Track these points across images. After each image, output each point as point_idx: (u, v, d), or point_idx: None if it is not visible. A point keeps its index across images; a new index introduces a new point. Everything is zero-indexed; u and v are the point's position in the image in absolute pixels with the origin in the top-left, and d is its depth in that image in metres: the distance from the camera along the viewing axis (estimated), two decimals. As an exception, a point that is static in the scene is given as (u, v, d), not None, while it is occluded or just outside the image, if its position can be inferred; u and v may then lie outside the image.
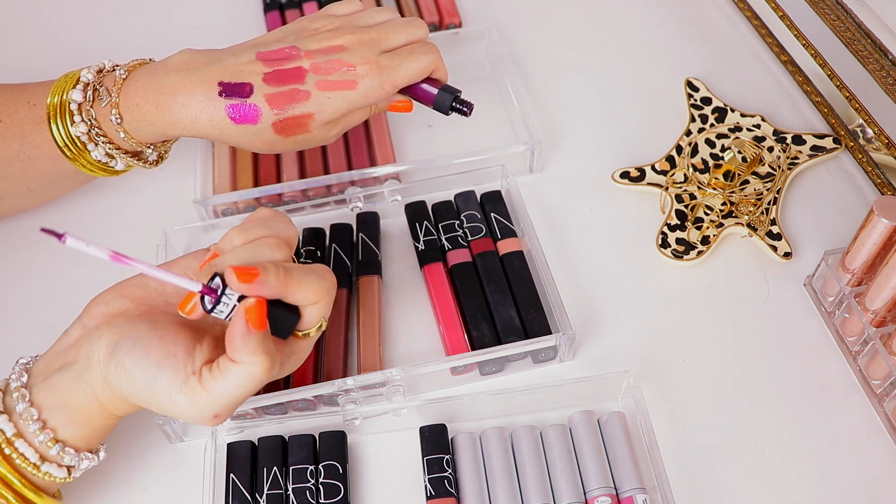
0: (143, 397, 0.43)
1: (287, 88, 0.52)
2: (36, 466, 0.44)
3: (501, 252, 0.60)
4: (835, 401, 0.54)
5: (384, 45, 0.55)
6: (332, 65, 0.53)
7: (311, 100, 0.52)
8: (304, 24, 0.57)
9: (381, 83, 0.54)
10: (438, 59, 0.57)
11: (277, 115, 0.52)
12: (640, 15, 0.80)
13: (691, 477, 0.51)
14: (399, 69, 0.54)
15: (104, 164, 0.56)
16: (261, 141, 0.53)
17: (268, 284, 0.41)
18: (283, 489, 0.50)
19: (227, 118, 0.51)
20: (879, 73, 0.62)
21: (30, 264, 0.63)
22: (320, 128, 0.54)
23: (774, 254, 0.60)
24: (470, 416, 0.53)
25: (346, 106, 0.54)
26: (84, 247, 0.36)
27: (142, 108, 0.52)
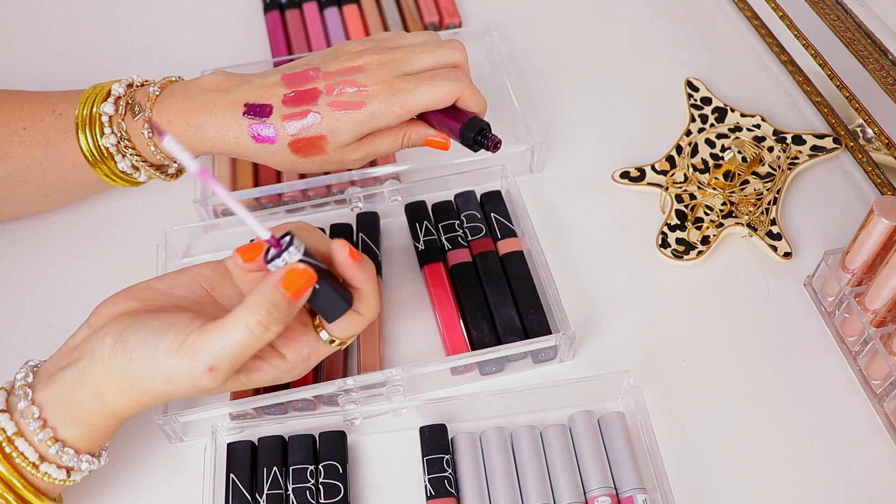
0: (143, 372, 0.42)
1: (300, 109, 0.53)
2: (35, 466, 0.44)
3: (501, 252, 0.60)
4: (835, 401, 0.54)
5: (405, 67, 0.54)
6: (344, 85, 0.53)
7: (323, 121, 0.53)
8: (337, 47, 0.56)
9: (390, 105, 0.52)
10: (467, 87, 0.54)
11: (293, 136, 0.53)
12: (640, 15, 0.80)
13: (691, 477, 0.51)
14: (413, 93, 0.52)
15: (128, 175, 0.57)
16: (281, 160, 0.54)
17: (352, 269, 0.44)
18: (283, 489, 0.50)
19: (249, 137, 0.53)
20: (879, 73, 0.62)
21: (31, 265, 0.63)
22: (338, 150, 0.54)
23: (774, 254, 0.60)
24: (470, 416, 0.53)
25: (356, 127, 0.53)
26: (178, 151, 0.37)
27: (174, 124, 0.54)
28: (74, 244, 0.64)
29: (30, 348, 0.58)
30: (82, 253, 0.64)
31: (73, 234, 0.65)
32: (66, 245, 0.64)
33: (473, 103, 0.55)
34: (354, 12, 0.79)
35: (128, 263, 0.63)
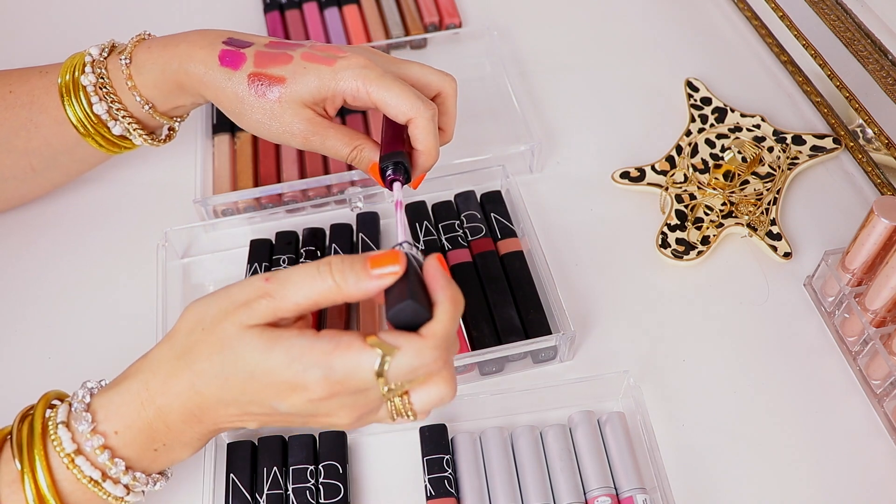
0: None
1: (276, 51, 0.52)
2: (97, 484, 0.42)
3: (501, 252, 0.60)
4: (835, 401, 0.54)
5: (390, 66, 0.53)
6: (326, 48, 0.52)
7: (289, 66, 0.51)
8: None
9: (355, 73, 0.50)
10: (427, 118, 0.50)
11: (256, 68, 0.52)
12: (640, 15, 0.80)
13: (691, 477, 0.51)
14: (380, 80, 0.50)
15: (122, 140, 0.57)
16: (234, 93, 0.52)
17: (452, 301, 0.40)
18: (283, 489, 0.50)
19: (216, 58, 0.52)
20: (879, 73, 0.62)
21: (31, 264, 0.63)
22: (290, 105, 0.51)
23: (774, 254, 0.60)
24: (470, 416, 0.53)
25: (316, 81, 0.50)
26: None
27: (152, 50, 0.55)
28: (74, 244, 0.64)
29: (29, 348, 0.58)
30: (82, 253, 0.64)
31: (72, 234, 0.65)
32: (66, 245, 0.64)
33: (421, 139, 0.50)
34: (354, 12, 0.79)
35: (128, 263, 0.63)
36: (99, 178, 0.68)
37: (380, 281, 0.40)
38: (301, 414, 0.41)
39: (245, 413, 0.42)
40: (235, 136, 0.69)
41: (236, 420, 0.43)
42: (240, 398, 0.41)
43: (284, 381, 0.39)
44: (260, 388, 0.40)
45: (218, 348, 0.40)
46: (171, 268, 0.62)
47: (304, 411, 0.41)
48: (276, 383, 0.40)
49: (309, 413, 0.41)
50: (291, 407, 0.40)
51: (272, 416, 0.42)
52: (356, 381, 0.39)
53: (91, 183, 0.68)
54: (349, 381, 0.39)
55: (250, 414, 0.42)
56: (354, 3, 0.80)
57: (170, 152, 0.69)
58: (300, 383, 0.39)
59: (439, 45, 0.77)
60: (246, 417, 0.42)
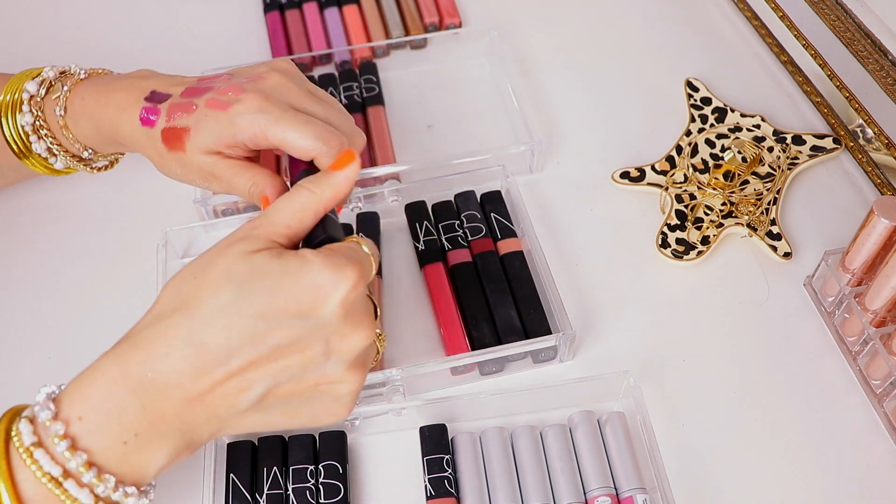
0: None
1: (185, 101, 0.51)
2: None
3: (501, 252, 0.60)
4: (835, 401, 0.54)
5: (296, 101, 0.49)
6: (233, 88, 0.49)
7: (193, 115, 0.49)
8: None
9: (253, 119, 0.47)
10: (326, 150, 0.47)
11: (167, 123, 0.50)
12: (640, 15, 0.80)
13: (691, 477, 0.51)
14: (279, 121, 0.47)
15: (44, 159, 0.56)
16: (154, 150, 0.52)
17: None
18: (283, 489, 0.50)
19: (138, 118, 0.51)
20: (879, 73, 0.62)
21: (30, 264, 0.63)
22: (196, 154, 0.50)
23: (774, 254, 0.60)
24: (470, 416, 0.53)
25: (216, 128, 0.48)
26: None
27: (86, 101, 0.53)
28: (74, 244, 0.64)
29: (29, 348, 0.58)
30: (82, 253, 0.64)
31: (73, 234, 0.65)
32: (66, 245, 0.64)
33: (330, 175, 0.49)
34: (354, 12, 0.79)
35: (128, 263, 0.63)
36: (99, 178, 0.68)
37: (346, 173, 0.43)
38: (329, 329, 0.39)
39: (255, 360, 0.38)
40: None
41: (240, 382, 0.38)
42: (258, 328, 0.37)
43: (312, 283, 0.38)
44: (285, 299, 0.38)
45: (227, 281, 0.38)
46: (171, 268, 0.62)
47: (334, 322, 0.39)
48: (304, 287, 0.38)
49: (338, 328, 0.39)
50: (324, 315, 0.38)
51: (291, 354, 0.38)
52: (364, 257, 0.41)
53: (91, 183, 0.68)
54: (365, 261, 0.41)
55: (263, 358, 0.38)
56: (354, 3, 0.80)
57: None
58: (329, 280, 0.38)
59: (439, 45, 0.77)
60: (253, 370, 0.38)
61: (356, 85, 0.72)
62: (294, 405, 0.41)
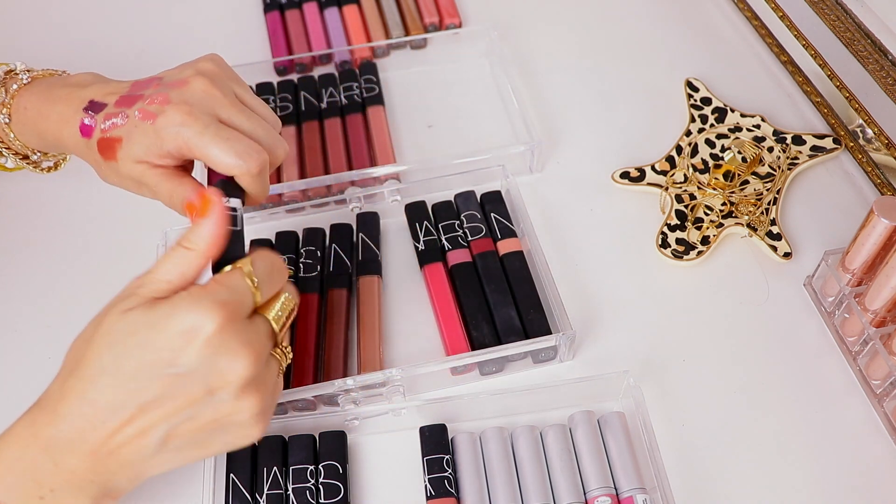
0: None
1: (118, 110, 0.50)
2: None
3: (501, 252, 0.60)
4: (835, 401, 0.54)
5: (222, 111, 0.49)
6: (161, 96, 0.49)
7: (125, 125, 0.49)
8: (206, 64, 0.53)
9: (178, 133, 0.47)
10: (252, 176, 0.48)
11: (102, 133, 0.50)
12: (640, 15, 0.80)
13: (691, 477, 0.51)
14: (201, 136, 0.47)
15: None
16: (93, 159, 0.52)
17: None
18: (283, 489, 0.50)
19: (78, 130, 0.51)
20: (879, 73, 0.62)
21: (30, 264, 0.63)
22: (127, 163, 0.50)
23: (774, 254, 0.60)
24: (470, 416, 0.53)
25: (144, 140, 0.49)
26: None
27: (28, 112, 0.54)
28: (74, 244, 0.64)
29: (28, 349, 0.58)
30: (82, 253, 0.64)
31: (73, 234, 0.65)
32: (66, 244, 0.64)
33: (247, 188, 0.49)
34: (354, 12, 0.79)
35: (128, 263, 0.62)
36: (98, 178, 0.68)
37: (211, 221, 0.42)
38: (202, 371, 0.39)
39: (142, 409, 0.39)
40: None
41: (135, 430, 0.39)
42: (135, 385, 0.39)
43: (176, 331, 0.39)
44: (154, 352, 0.39)
45: (106, 342, 0.40)
46: (171, 268, 0.62)
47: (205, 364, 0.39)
48: (170, 337, 0.39)
49: (211, 367, 0.39)
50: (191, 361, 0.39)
51: (173, 401, 0.39)
52: (239, 288, 0.41)
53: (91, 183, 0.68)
54: (235, 294, 0.41)
55: (148, 407, 0.39)
56: (354, 3, 0.80)
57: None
58: (192, 324, 0.39)
59: (439, 45, 0.77)
60: (143, 418, 0.39)
61: (356, 85, 0.72)
62: (202, 439, 0.41)
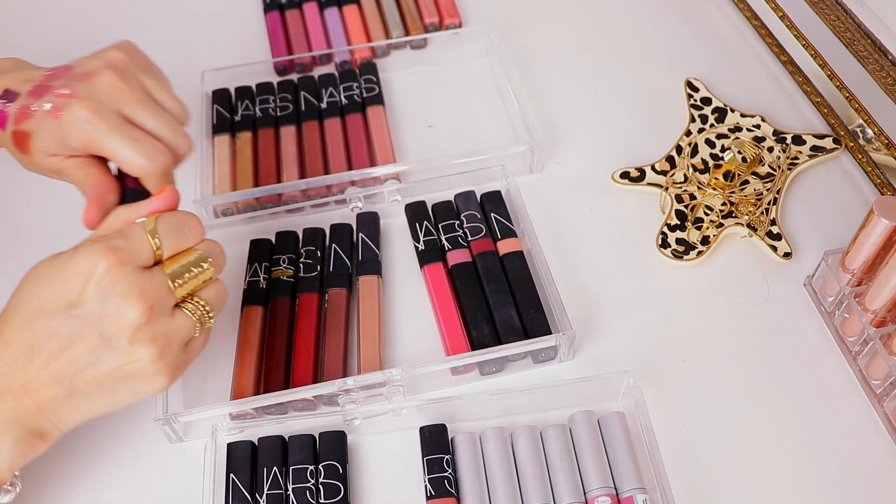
0: None
1: (29, 102, 0.49)
2: None
3: (501, 252, 0.60)
4: (835, 401, 0.54)
5: (127, 109, 0.49)
6: (68, 88, 0.48)
7: (33, 119, 0.49)
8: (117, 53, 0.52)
9: (80, 130, 0.48)
10: (157, 175, 0.49)
11: (14, 126, 0.49)
12: (640, 15, 0.80)
13: (691, 477, 0.51)
14: (108, 135, 0.47)
15: None
16: (10, 150, 0.51)
17: None
18: (283, 489, 0.50)
19: None
20: (879, 73, 0.62)
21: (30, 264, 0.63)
22: (41, 156, 0.50)
23: (774, 254, 0.60)
24: (470, 416, 0.53)
25: (51, 135, 0.48)
26: None
27: None
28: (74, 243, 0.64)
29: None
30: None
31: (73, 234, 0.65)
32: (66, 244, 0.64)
33: (152, 189, 0.50)
34: (354, 12, 0.79)
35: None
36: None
37: None
38: (95, 313, 0.42)
39: (51, 353, 0.42)
40: (235, 136, 0.69)
41: (47, 374, 0.42)
42: (40, 324, 0.42)
43: (73, 272, 0.42)
44: (54, 291, 0.42)
45: (22, 286, 0.44)
46: (171, 268, 0.62)
47: (97, 305, 0.42)
48: (67, 277, 0.42)
49: (102, 310, 0.42)
50: (85, 301, 0.42)
51: (74, 346, 0.42)
52: (135, 237, 0.44)
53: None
54: (129, 242, 0.43)
55: (55, 350, 0.42)
56: (354, 3, 0.80)
57: None
58: (86, 266, 0.42)
59: (439, 45, 0.77)
60: (53, 363, 0.42)
61: (356, 85, 0.72)
62: (109, 386, 0.44)
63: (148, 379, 0.44)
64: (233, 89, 0.73)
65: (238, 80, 0.73)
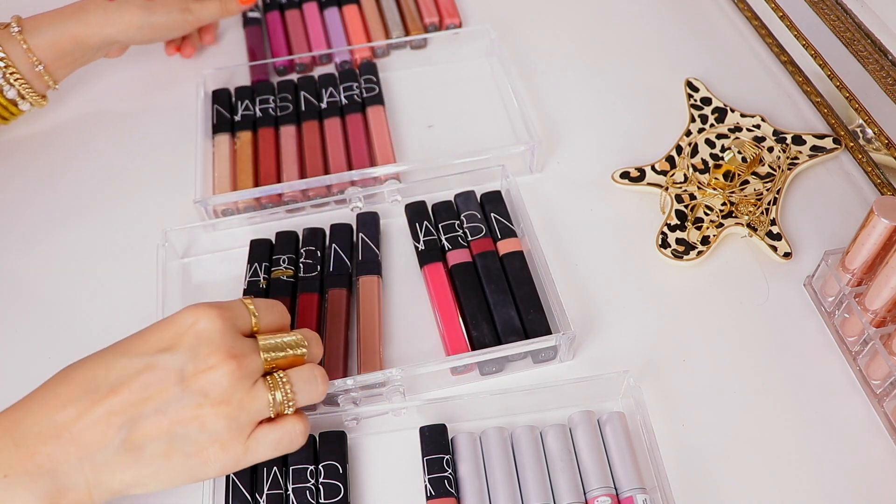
0: None
1: None
2: None
3: (501, 252, 0.60)
4: (835, 401, 0.54)
5: None
6: None
7: None
8: None
9: None
10: None
11: None
12: (640, 15, 0.80)
13: (691, 477, 0.51)
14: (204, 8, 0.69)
15: (11, 105, 0.64)
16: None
17: None
18: (283, 489, 0.50)
19: None
20: (879, 73, 0.62)
21: (31, 264, 0.63)
22: None
23: (774, 254, 0.60)
24: (470, 416, 0.53)
25: None
26: None
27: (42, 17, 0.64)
28: (74, 244, 0.64)
29: (29, 348, 0.58)
30: (82, 252, 0.64)
31: (73, 234, 0.65)
32: (66, 244, 0.64)
33: None
34: (354, 12, 0.79)
35: (128, 263, 0.63)
36: (99, 178, 0.68)
37: None
38: (183, 356, 0.41)
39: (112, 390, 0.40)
40: (235, 136, 0.69)
41: (100, 413, 0.40)
42: (117, 362, 0.41)
43: (175, 325, 0.42)
44: (148, 335, 0.42)
45: None
46: (171, 268, 0.62)
47: (188, 350, 0.41)
48: (166, 328, 0.42)
49: (192, 354, 0.41)
50: (179, 347, 0.41)
51: (144, 389, 0.40)
52: (236, 306, 0.44)
53: (91, 183, 0.68)
54: (231, 308, 0.43)
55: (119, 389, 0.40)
56: (354, 2, 0.80)
57: (170, 152, 0.69)
58: (190, 321, 0.42)
59: (439, 45, 0.77)
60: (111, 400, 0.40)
61: (356, 85, 0.72)
62: (164, 445, 0.41)
63: (204, 450, 0.42)
64: (233, 89, 0.73)
65: (238, 81, 0.74)
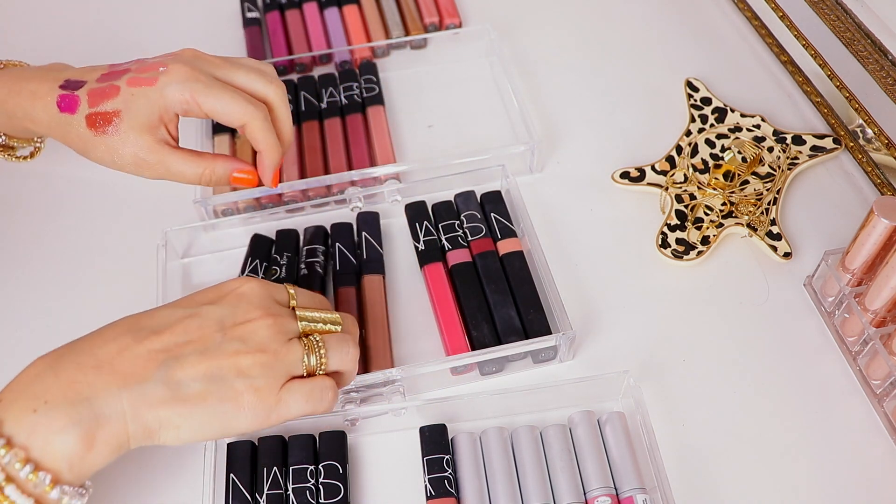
0: None
1: (105, 85, 0.52)
2: None
3: (501, 252, 0.60)
4: (835, 401, 0.54)
5: (216, 71, 0.53)
6: (151, 67, 0.52)
7: (119, 97, 0.52)
8: None
9: (181, 88, 0.51)
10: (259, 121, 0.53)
11: (90, 109, 0.52)
12: (640, 15, 0.80)
13: (691, 477, 0.51)
14: (209, 89, 0.52)
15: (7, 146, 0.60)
16: (77, 135, 0.53)
17: None
18: (283, 489, 0.50)
19: (55, 105, 0.53)
20: (879, 73, 0.62)
21: (31, 264, 0.63)
22: (130, 133, 0.52)
23: (774, 254, 0.60)
24: (470, 416, 0.53)
25: (147, 104, 0.52)
26: None
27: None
28: (74, 244, 0.64)
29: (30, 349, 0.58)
30: (82, 253, 0.64)
31: (73, 234, 0.65)
32: (66, 244, 0.64)
33: (259, 139, 0.53)
34: (354, 12, 0.79)
35: (128, 263, 0.63)
36: (99, 178, 0.68)
37: None
38: (223, 311, 0.45)
39: (154, 332, 0.43)
40: (235, 136, 0.69)
41: (142, 351, 0.42)
42: (161, 312, 0.45)
43: (221, 289, 0.47)
44: (195, 297, 0.46)
45: None
46: (171, 268, 0.62)
47: (228, 307, 0.45)
48: (213, 290, 0.47)
49: (232, 309, 0.45)
50: (221, 304, 0.45)
51: (186, 332, 0.44)
52: (277, 286, 0.48)
53: (91, 183, 0.68)
54: (274, 285, 0.48)
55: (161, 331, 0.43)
56: (354, 3, 0.80)
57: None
58: (235, 286, 0.47)
59: (439, 45, 0.77)
60: (153, 341, 0.43)
61: (356, 85, 0.72)
62: (202, 387, 0.43)
63: (239, 395, 0.43)
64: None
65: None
